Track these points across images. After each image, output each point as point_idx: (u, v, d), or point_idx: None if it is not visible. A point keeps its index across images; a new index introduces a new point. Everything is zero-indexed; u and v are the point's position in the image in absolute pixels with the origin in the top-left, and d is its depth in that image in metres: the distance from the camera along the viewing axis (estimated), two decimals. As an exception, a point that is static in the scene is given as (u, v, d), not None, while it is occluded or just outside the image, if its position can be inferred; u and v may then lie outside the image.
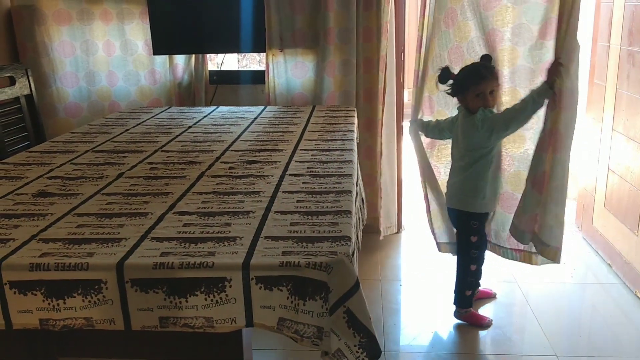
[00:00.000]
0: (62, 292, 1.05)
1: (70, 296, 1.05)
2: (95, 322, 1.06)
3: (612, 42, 2.57)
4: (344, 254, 1.04)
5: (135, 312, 1.05)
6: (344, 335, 1.04)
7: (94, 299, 1.05)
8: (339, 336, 1.04)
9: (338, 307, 1.02)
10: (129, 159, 1.74)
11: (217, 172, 1.59)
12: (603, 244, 2.65)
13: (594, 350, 2.00)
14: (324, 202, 1.31)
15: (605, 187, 2.63)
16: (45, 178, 1.57)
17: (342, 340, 1.04)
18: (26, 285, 1.04)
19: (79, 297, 1.05)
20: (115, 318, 1.06)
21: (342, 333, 1.04)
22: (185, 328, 1.05)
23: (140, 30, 2.80)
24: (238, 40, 2.77)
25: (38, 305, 1.05)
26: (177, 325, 1.05)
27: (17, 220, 1.25)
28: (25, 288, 1.04)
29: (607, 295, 2.38)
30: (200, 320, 1.05)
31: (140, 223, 1.22)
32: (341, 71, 2.68)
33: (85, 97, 2.88)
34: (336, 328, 1.03)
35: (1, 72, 2.37)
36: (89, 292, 1.04)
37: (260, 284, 1.03)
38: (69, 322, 1.06)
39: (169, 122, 2.29)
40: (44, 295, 1.05)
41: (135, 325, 1.06)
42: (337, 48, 2.66)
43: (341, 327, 1.03)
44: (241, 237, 1.13)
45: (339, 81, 2.70)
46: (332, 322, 1.03)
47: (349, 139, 1.92)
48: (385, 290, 2.44)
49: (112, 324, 1.06)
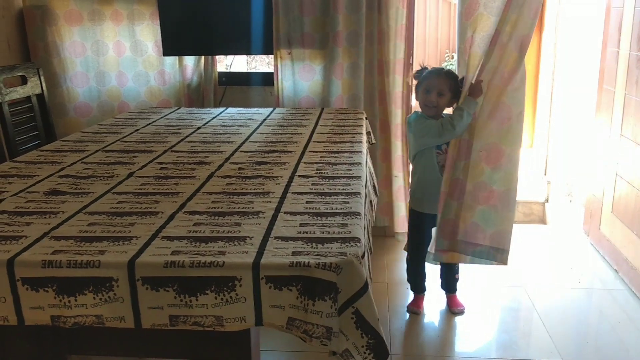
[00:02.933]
0: (74, 290, 1.05)
1: (81, 293, 1.06)
2: (105, 319, 1.07)
3: (622, 47, 2.56)
4: (353, 255, 1.05)
5: (146, 310, 1.06)
6: (352, 336, 1.04)
7: (104, 296, 1.05)
8: (347, 336, 1.04)
9: (347, 308, 1.03)
10: (139, 159, 1.75)
11: (227, 172, 1.60)
12: (610, 249, 2.64)
13: (601, 356, 1.99)
14: (333, 204, 1.32)
15: (613, 192, 2.62)
16: (57, 176, 1.58)
17: (350, 341, 1.05)
18: (38, 282, 1.05)
19: (90, 294, 1.05)
20: (126, 316, 1.06)
21: (350, 333, 1.04)
22: (195, 327, 1.06)
23: (151, 31, 2.82)
24: (248, 42, 2.78)
25: (50, 302, 1.06)
26: (187, 323, 1.06)
27: (29, 218, 1.26)
28: (38, 285, 1.05)
29: (613, 301, 2.37)
30: (210, 319, 1.05)
31: (150, 222, 1.23)
32: (349, 74, 2.69)
33: (95, 97, 2.90)
34: (344, 328, 1.04)
35: (13, 71, 2.39)
36: (100, 289, 1.05)
37: (270, 284, 1.03)
38: (79, 320, 1.07)
39: (179, 123, 2.31)
40: (55, 292, 1.06)
41: (145, 324, 1.06)
42: (346, 51, 2.66)
43: (349, 328, 1.04)
44: (251, 237, 1.14)
45: (347, 84, 2.71)
46: (340, 323, 1.03)
47: (358, 142, 1.92)
48: (392, 293, 2.44)
49: (122, 321, 1.07)
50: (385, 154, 2.83)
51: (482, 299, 2.42)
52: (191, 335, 1.11)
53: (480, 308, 2.35)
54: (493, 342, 2.12)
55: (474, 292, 2.48)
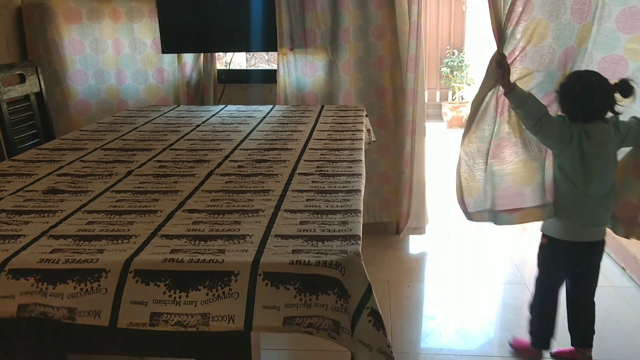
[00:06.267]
0: (56, 279, 1.00)
1: (63, 282, 1.00)
2: (78, 313, 1.00)
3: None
4: (354, 253, 1.04)
5: (127, 305, 0.99)
6: (374, 341, 0.99)
7: (87, 287, 1.00)
8: (370, 346, 0.99)
9: (362, 311, 0.99)
10: (138, 157, 1.74)
11: (226, 170, 1.58)
12: (616, 247, 2.63)
13: (606, 353, 1.98)
14: (333, 201, 1.31)
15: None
16: (55, 175, 1.57)
17: (373, 350, 0.99)
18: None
19: (71, 283, 1.00)
20: (102, 310, 0.99)
21: (371, 339, 0.99)
22: (176, 327, 0.99)
23: (149, 28, 2.81)
24: (247, 39, 2.77)
25: (24, 290, 1.01)
26: (168, 323, 0.99)
27: (27, 217, 1.25)
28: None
29: (620, 298, 2.36)
30: (195, 318, 0.99)
31: (149, 220, 1.22)
32: (357, 70, 2.69)
33: (94, 95, 2.89)
34: (364, 336, 0.99)
35: (12, 69, 2.38)
36: (85, 279, 1.00)
37: (267, 280, 1.01)
38: (48, 311, 1.01)
39: (178, 121, 2.30)
40: (35, 281, 1.01)
41: (121, 322, 0.99)
42: (354, 47, 2.65)
43: (369, 333, 0.99)
44: (251, 235, 1.13)
45: (355, 80, 2.70)
46: (359, 332, 0.99)
47: (358, 139, 1.91)
48: (392, 291, 2.43)
49: (97, 317, 1.00)
50: (385, 150, 2.82)
51: (484, 296, 2.41)
52: (191, 333, 1.10)
53: (482, 305, 2.34)
54: (495, 339, 2.11)
55: (475, 289, 2.47)
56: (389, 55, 2.70)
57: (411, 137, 2.75)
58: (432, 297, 2.38)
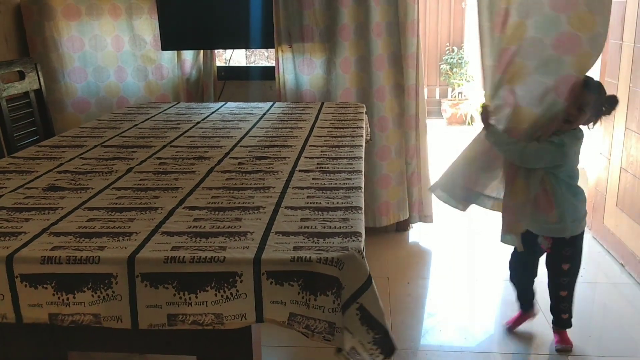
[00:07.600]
0: (72, 287, 1.04)
1: (80, 290, 1.04)
2: (103, 319, 1.05)
3: (625, 39, 2.54)
4: (355, 250, 1.04)
5: (144, 309, 1.04)
6: (357, 332, 1.02)
7: (103, 294, 1.03)
8: (353, 334, 1.02)
9: (351, 304, 1.01)
10: (138, 154, 1.74)
11: (227, 167, 1.58)
12: (615, 243, 2.63)
13: (606, 349, 1.98)
14: (334, 198, 1.30)
15: (617, 185, 2.60)
16: (55, 172, 1.56)
17: (355, 338, 1.03)
18: (37, 278, 1.04)
19: (88, 291, 1.04)
20: (123, 315, 1.04)
21: (355, 330, 1.02)
22: (194, 325, 1.04)
23: (149, 25, 2.80)
24: (247, 36, 2.76)
25: (48, 299, 1.05)
26: (185, 322, 1.04)
27: (28, 214, 1.25)
28: (37, 281, 1.04)
29: (619, 295, 2.36)
30: (209, 317, 1.03)
31: (150, 217, 1.21)
32: (357, 67, 2.68)
33: (94, 92, 2.88)
34: (349, 325, 1.02)
35: (11, 66, 2.37)
36: (99, 286, 1.03)
37: (271, 279, 1.02)
38: (77, 318, 1.05)
39: (178, 118, 2.29)
40: (54, 289, 1.04)
41: (142, 324, 1.04)
42: (353, 44, 2.65)
43: (354, 324, 1.02)
44: (252, 232, 1.13)
45: (354, 78, 2.69)
46: (345, 320, 1.02)
47: (358, 136, 1.91)
48: (393, 288, 2.43)
49: (119, 321, 1.04)
50: (385, 152, 2.81)
51: (484, 294, 2.41)
52: (192, 331, 1.10)
53: (482, 302, 2.34)
54: (495, 336, 2.11)
55: (475, 286, 2.47)
56: (388, 53, 2.69)
57: (415, 130, 2.75)
58: (433, 293, 2.38)
